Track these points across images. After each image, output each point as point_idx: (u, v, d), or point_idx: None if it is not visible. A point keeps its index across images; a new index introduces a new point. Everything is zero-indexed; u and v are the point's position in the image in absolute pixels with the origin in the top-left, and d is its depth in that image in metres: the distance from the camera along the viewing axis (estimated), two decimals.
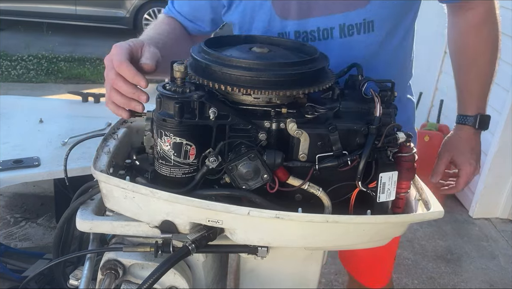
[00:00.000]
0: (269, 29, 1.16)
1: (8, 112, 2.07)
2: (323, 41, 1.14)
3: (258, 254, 0.93)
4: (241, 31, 1.20)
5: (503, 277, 2.67)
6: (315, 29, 1.13)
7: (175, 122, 0.83)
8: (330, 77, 0.94)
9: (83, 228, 0.92)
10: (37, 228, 2.64)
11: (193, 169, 0.88)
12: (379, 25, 1.13)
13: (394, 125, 0.89)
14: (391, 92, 0.94)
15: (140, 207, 0.87)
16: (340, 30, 1.12)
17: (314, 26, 1.13)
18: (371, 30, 1.13)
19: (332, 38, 1.13)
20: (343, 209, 0.90)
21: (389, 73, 1.16)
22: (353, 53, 1.13)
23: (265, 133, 0.86)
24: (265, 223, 0.84)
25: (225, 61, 0.87)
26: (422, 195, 0.94)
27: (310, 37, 1.14)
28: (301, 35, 1.15)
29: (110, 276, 0.93)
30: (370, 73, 1.09)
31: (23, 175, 1.61)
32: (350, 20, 1.11)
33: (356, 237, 0.90)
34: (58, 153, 1.74)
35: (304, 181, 0.87)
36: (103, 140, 0.99)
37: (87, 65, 6.05)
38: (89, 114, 2.13)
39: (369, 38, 1.13)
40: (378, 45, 1.15)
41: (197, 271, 1.01)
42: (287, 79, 0.87)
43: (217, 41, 1.00)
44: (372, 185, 0.88)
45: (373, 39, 1.14)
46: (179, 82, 0.86)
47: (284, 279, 1.07)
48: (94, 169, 0.87)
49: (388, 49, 1.17)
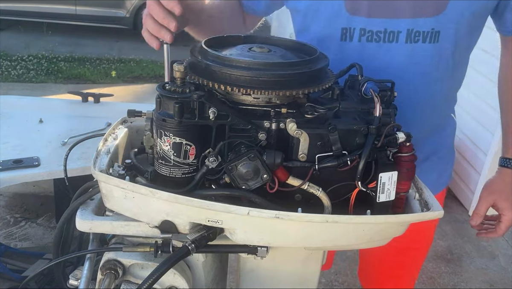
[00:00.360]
0: (333, 22, 1.14)
1: (8, 112, 2.07)
2: (386, 44, 1.13)
3: (258, 254, 0.93)
4: (304, 19, 1.19)
5: (503, 277, 2.67)
6: (382, 30, 1.12)
7: (175, 122, 0.83)
8: (330, 77, 0.94)
9: (83, 228, 0.92)
10: (37, 228, 2.64)
11: (192, 169, 0.88)
12: (444, 37, 1.11)
13: (394, 125, 0.89)
14: (391, 92, 0.95)
15: (140, 207, 0.87)
16: (407, 35, 1.11)
17: (381, 27, 1.12)
18: (436, 41, 1.12)
19: (397, 42, 1.12)
20: (343, 209, 0.90)
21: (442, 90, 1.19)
22: (414, 61, 1.13)
23: (265, 133, 0.86)
24: (265, 223, 0.84)
25: (225, 61, 0.87)
26: (422, 195, 0.94)
27: (375, 37, 1.13)
28: (366, 33, 1.13)
29: (110, 276, 0.93)
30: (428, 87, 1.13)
31: (23, 175, 1.62)
32: (418, 26, 1.10)
33: (356, 237, 0.90)
34: (58, 153, 1.74)
35: (304, 181, 0.87)
36: (103, 141, 0.99)
37: (87, 65, 6.04)
38: (89, 114, 2.13)
39: (432, 48, 1.12)
40: (439, 57, 1.14)
41: (197, 271, 1.01)
42: (287, 79, 0.87)
43: (217, 41, 1.00)
44: (372, 185, 0.88)
45: (436, 51, 1.13)
46: (179, 82, 0.86)
47: (284, 279, 1.07)
48: (94, 169, 0.87)
49: (446, 65, 1.16)
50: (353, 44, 1.15)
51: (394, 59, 1.13)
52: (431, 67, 1.15)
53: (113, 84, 5.58)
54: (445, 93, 1.23)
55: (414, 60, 1.13)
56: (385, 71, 1.12)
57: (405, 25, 1.11)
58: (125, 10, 7.28)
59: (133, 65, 6.25)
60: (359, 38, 1.14)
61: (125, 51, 6.71)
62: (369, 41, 1.13)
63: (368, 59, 1.11)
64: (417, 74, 1.15)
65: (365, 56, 1.13)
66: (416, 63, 1.13)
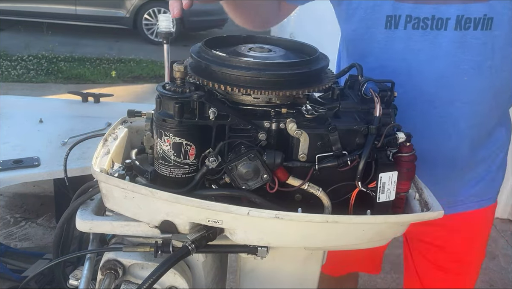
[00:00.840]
0: (377, 9, 1.09)
1: (8, 112, 2.07)
2: (434, 31, 1.06)
3: (258, 254, 0.93)
4: (348, 6, 1.14)
5: (503, 277, 2.67)
6: (430, 16, 1.05)
7: (175, 123, 0.83)
8: (330, 77, 0.94)
9: (83, 228, 0.92)
10: (37, 228, 2.65)
11: (193, 169, 0.88)
12: (497, 24, 1.03)
13: (394, 125, 0.89)
14: (391, 92, 0.94)
15: (140, 207, 0.87)
16: (456, 22, 1.04)
17: (429, 14, 1.05)
18: (489, 28, 1.03)
19: (446, 29, 1.05)
20: (343, 209, 0.90)
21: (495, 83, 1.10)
22: (464, 49, 1.06)
23: (265, 134, 0.86)
24: (265, 223, 0.84)
25: (225, 61, 0.87)
26: (422, 195, 0.94)
27: (422, 24, 1.06)
28: (413, 20, 1.07)
29: (110, 276, 0.93)
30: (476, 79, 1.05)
31: (23, 175, 1.62)
32: (469, 12, 1.03)
33: (356, 237, 0.90)
34: (58, 153, 1.74)
35: (304, 181, 0.87)
36: (103, 141, 0.99)
37: (87, 65, 6.05)
38: (89, 114, 2.13)
39: (484, 36, 1.04)
40: (491, 46, 1.06)
41: (197, 271, 1.01)
42: (287, 79, 0.87)
43: (217, 41, 1.00)
44: (372, 185, 0.88)
45: (488, 39, 1.05)
46: (179, 82, 0.86)
47: (284, 279, 1.07)
48: (94, 169, 0.87)
49: (500, 54, 1.07)
50: (398, 32, 1.09)
51: (441, 47, 1.06)
52: (483, 56, 1.06)
53: (113, 84, 5.59)
54: (500, 87, 1.13)
55: (464, 49, 1.06)
56: (432, 59, 1.08)
57: (454, 11, 1.03)
58: (125, 10, 7.28)
59: (133, 65, 6.26)
60: (405, 25, 1.08)
61: (125, 51, 6.71)
62: (415, 28, 1.07)
63: (413, 48, 1.08)
64: (467, 63, 1.07)
65: (410, 45, 1.09)
66: (466, 52, 1.06)
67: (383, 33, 1.10)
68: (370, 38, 1.06)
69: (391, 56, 1.11)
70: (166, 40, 0.97)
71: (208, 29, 7.85)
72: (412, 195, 0.96)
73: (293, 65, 0.89)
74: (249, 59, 0.88)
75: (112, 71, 5.93)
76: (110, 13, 7.28)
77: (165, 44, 0.97)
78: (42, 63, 5.93)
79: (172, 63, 0.88)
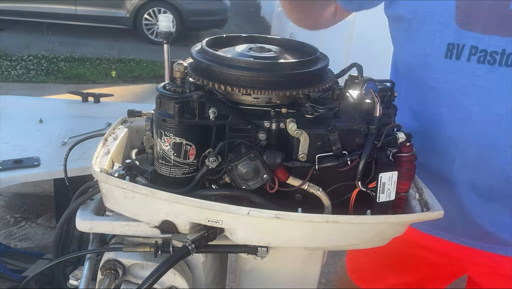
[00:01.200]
0: (440, 35, 0.98)
1: (8, 112, 2.06)
2: (503, 68, 0.93)
3: (258, 254, 0.93)
4: (409, 27, 1.03)
5: None
6: (500, 51, 0.92)
7: (175, 122, 0.83)
8: (330, 77, 0.94)
9: (83, 228, 0.92)
10: (37, 228, 2.64)
11: (193, 169, 0.88)
12: None
13: (394, 125, 0.89)
14: (391, 92, 0.94)
15: (140, 207, 0.87)
16: None
17: (498, 47, 0.92)
18: None
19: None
20: (343, 209, 0.90)
21: None
22: None
23: (265, 134, 0.86)
24: (265, 223, 0.84)
25: (225, 61, 0.87)
26: (422, 195, 0.94)
27: (489, 59, 0.93)
28: (478, 53, 0.94)
29: (110, 276, 0.93)
30: None
31: (23, 175, 1.61)
32: None
33: (356, 237, 0.90)
34: (58, 153, 1.74)
35: (304, 181, 0.87)
36: (103, 141, 0.99)
37: (87, 65, 6.05)
38: (89, 114, 2.13)
39: None
40: None
41: (197, 271, 1.01)
42: (287, 79, 0.87)
43: (217, 41, 1.00)
44: (372, 185, 0.88)
45: None
46: (179, 82, 0.86)
47: (284, 279, 1.07)
48: (94, 169, 0.87)
49: None
50: (460, 64, 0.97)
51: (509, 86, 0.93)
52: None
53: (113, 84, 5.59)
54: None
55: None
56: (499, 100, 0.95)
57: None
58: (125, 10, 7.29)
59: (133, 65, 6.26)
60: (468, 57, 0.95)
61: (125, 51, 6.71)
62: (480, 62, 0.95)
63: (477, 84, 0.96)
64: None
65: (474, 81, 0.96)
66: None
67: (442, 63, 1.00)
68: (428, 68, 0.97)
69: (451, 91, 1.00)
70: (166, 40, 0.97)
71: (208, 29, 7.85)
72: (412, 195, 0.96)
73: (293, 65, 0.89)
74: (249, 59, 0.88)
75: (112, 71, 5.94)
76: (110, 13, 7.28)
77: (165, 44, 0.97)
78: (42, 63, 5.93)
79: (172, 63, 0.88)
